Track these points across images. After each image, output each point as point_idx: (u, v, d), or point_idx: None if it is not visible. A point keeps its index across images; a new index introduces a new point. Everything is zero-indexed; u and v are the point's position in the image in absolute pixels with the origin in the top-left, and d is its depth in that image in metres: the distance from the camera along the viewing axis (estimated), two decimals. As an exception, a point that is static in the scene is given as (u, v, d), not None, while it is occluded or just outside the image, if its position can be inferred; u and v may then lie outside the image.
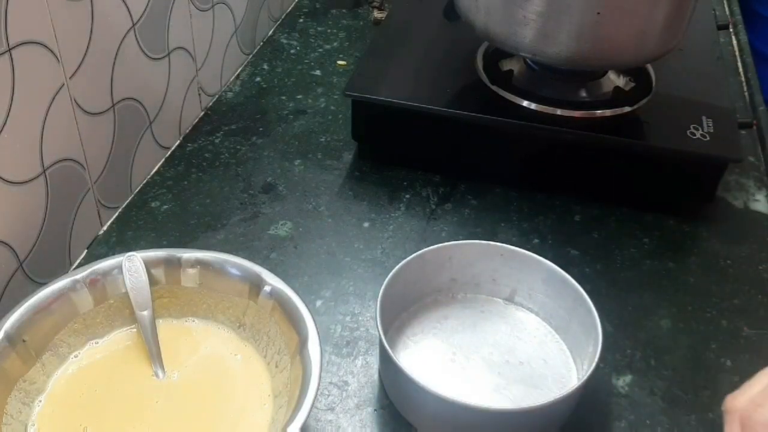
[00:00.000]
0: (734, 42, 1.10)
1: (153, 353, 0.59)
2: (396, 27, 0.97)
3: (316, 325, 0.56)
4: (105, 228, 0.77)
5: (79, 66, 0.67)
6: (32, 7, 0.60)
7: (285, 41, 1.09)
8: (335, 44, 1.09)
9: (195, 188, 0.82)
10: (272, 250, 0.75)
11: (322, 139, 0.90)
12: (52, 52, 0.63)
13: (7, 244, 0.63)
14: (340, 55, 1.06)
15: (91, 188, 0.73)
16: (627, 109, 0.81)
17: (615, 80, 0.86)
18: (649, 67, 0.87)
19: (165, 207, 0.80)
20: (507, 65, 0.87)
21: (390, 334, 0.64)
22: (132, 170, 0.80)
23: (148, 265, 0.61)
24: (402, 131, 0.84)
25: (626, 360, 0.66)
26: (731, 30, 1.12)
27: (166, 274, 0.61)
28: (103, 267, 0.60)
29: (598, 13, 0.71)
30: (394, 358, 0.56)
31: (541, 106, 0.80)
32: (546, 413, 0.56)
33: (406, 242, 0.76)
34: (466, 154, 0.83)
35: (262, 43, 1.08)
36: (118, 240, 0.76)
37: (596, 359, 0.57)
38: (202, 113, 0.93)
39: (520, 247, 0.66)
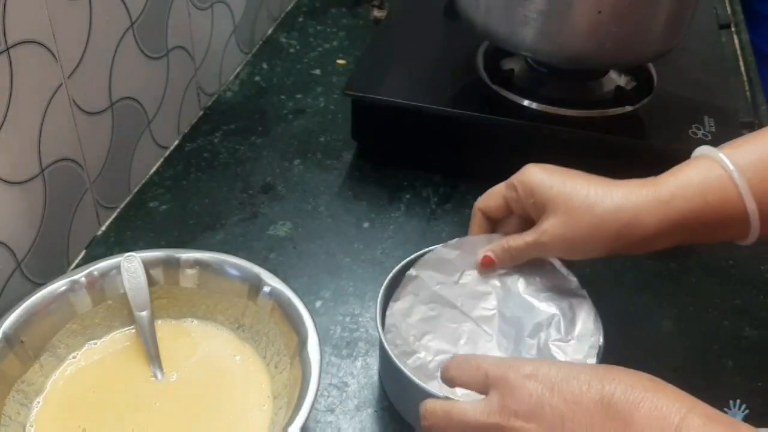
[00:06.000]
0: (736, 41, 1.10)
1: (151, 354, 0.59)
2: (396, 26, 0.96)
3: (315, 325, 0.56)
4: (103, 228, 0.76)
5: (78, 65, 0.67)
6: (31, 6, 0.59)
7: (284, 40, 1.09)
8: (335, 43, 1.09)
9: (194, 188, 0.82)
10: (271, 250, 0.75)
11: (322, 139, 0.90)
12: (50, 51, 0.63)
13: (5, 244, 0.62)
14: (340, 54, 1.06)
15: (90, 188, 0.73)
16: (628, 108, 0.80)
17: (616, 79, 0.85)
18: (651, 66, 0.86)
19: (164, 207, 0.79)
20: (508, 64, 0.87)
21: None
22: (130, 170, 0.80)
23: (147, 265, 0.61)
24: (402, 131, 0.84)
25: (627, 361, 0.66)
26: (733, 29, 1.12)
27: (165, 274, 0.61)
28: (101, 267, 0.60)
29: (599, 12, 0.71)
30: (395, 359, 0.56)
31: (542, 105, 0.80)
32: (547, 415, 0.56)
33: (406, 242, 0.76)
34: (467, 154, 0.82)
35: (261, 42, 1.08)
36: (117, 240, 0.75)
37: (597, 360, 0.56)
38: (201, 113, 0.93)
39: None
